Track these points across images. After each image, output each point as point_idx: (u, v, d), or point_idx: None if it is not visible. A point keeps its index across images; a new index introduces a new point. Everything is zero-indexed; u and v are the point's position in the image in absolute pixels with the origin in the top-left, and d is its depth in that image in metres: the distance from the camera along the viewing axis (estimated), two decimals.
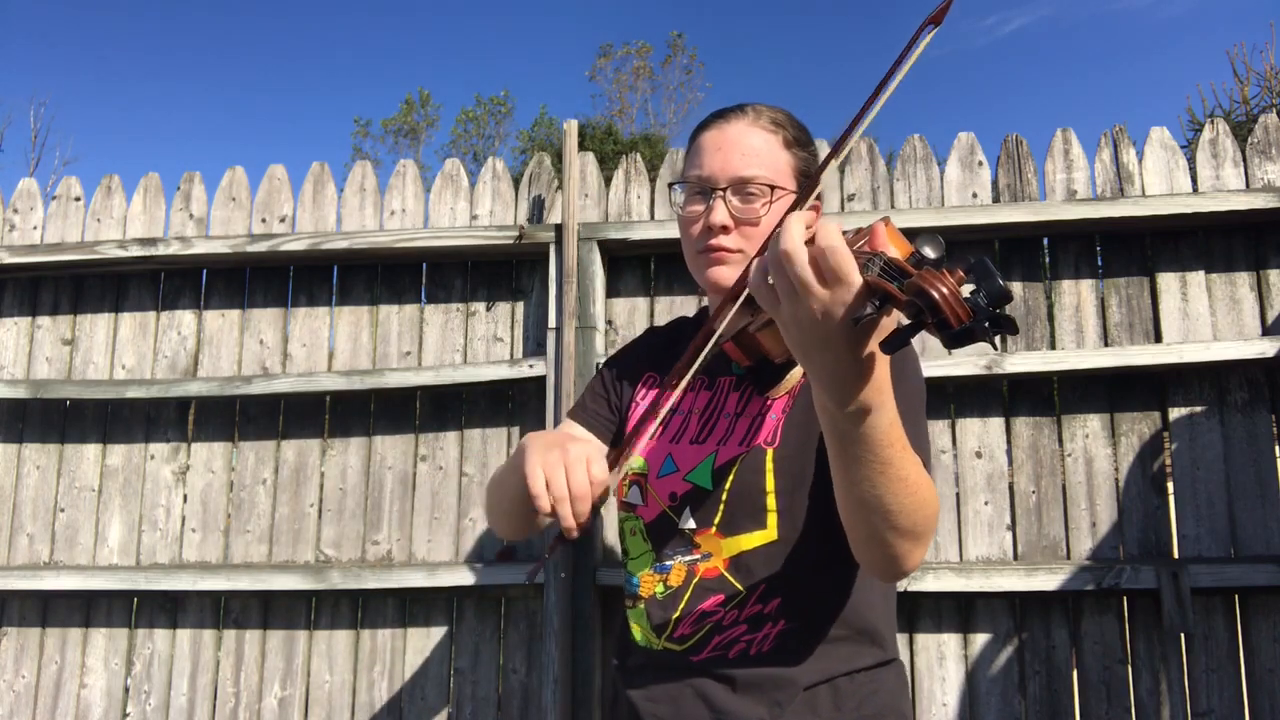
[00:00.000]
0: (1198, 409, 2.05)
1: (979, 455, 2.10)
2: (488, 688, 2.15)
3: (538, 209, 2.32)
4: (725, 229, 1.03)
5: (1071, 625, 2.02)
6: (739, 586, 1.00)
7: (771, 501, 1.00)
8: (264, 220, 2.39)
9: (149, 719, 2.24)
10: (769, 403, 1.04)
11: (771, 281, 0.70)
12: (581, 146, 2.35)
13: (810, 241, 0.67)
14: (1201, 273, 2.11)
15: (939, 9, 0.79)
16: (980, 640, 2.03)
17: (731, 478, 1.01)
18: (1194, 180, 2.13)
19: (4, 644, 2.32)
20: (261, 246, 2.30)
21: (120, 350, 2.40)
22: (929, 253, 0.65)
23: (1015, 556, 2.06)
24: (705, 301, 1.25)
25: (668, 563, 1.04)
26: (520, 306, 2.31)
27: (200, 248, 2.31)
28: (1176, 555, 2.01)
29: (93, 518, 2.34)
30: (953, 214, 2.12)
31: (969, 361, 2.04)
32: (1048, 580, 1.96)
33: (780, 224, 0.70)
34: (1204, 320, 2.08)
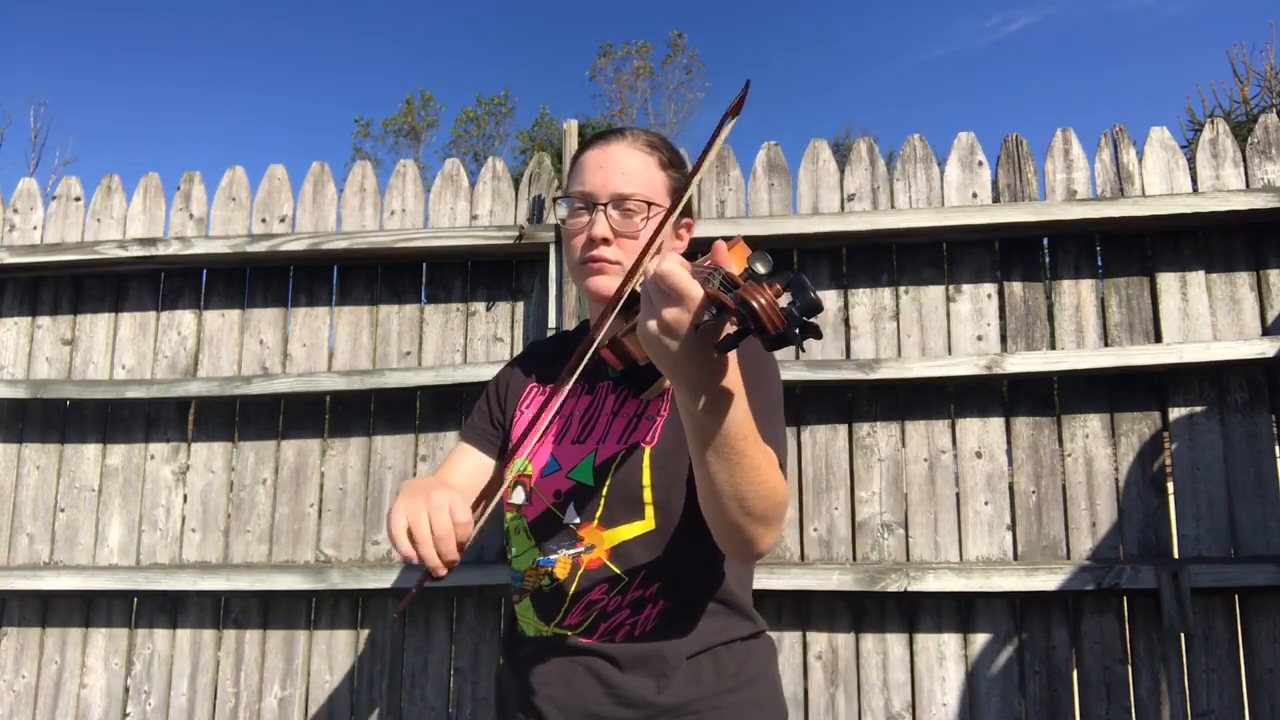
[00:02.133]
0: (1198, 409, 2.05)
1: (979, 455, 2.10)
2: (488, 688, 2.15)
3: (538, 209, 2.32)
4: (606, 241, 1.13)
5: (1071, 625, 2.02)
6: (621, 574, 1.08)
7: (648, 495, 1.08)
8: (264, 220, 2.40)
9: (149, 719, 2.24)
10: (645, 405, 1.13)
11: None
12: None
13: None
14: (1201, 273, 2.11)
15: (736, 100, 0.92)
16: (980, 640, 2.03)
17: (611, 474, 1.09)
18: (1194, 180, 2.13)
19: (4, 644, 2.32)
20: (261, 246, 2.30)
21: (120, 350, 2.40)
22: (759, 268, 0.75)
23: (1015, 556, 2.06)
24: (587, 314, 1.32)
25: (552, 556, 1.11)
26: (520, 306, 2.31)
27: (200, 248, 2.31)
28: (1176, 555, 2.01)
29: (93, 518, 2.34)
30: (953, 214, 2.12)
31: (969, 361, 2.04)
32: (1048, 580, 1.96)
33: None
34: (1204, 320, 2.08)
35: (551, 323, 2.17)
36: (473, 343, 2.31)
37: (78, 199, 2.47)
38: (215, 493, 2.31)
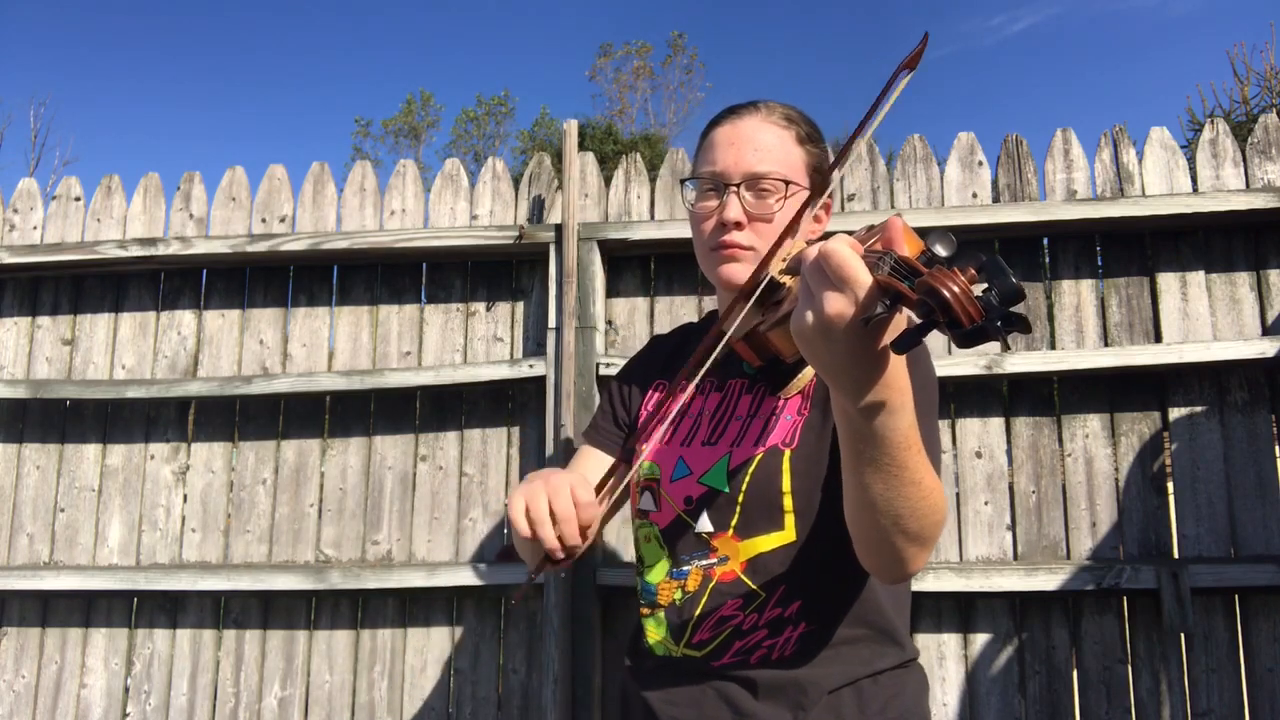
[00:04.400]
0: (1198, 409, 2.05)
1: (979, 455, 2.10)
2: (488, 688, 2.15)
3: (538, 209, 2.32)
4: (739, 225, 1.03)
5: (1071, 625, 2.02)
6: (757, 589, 0.99)
7: (789, 503, 0.99)
8: (264, 220, 2.39)
9: (149, 719, 2.24)
10: (781, 403, 1.03)
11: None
12: (581, 146, 2.35)
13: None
14: (1201, 273, 2.11)
15: (913, 54, 0.81)
16: (980, 640, 2.03)
17: (748, 479, 1.00)
18: (1194, 180, 2.13)
19: (4, 644, 2.32)
20: (261, 246, 2.30)
21: (120, 350, 2.40)
22: (941, 251, 0.63)
23: (1015, 556, 2.06)
24: (713, 305, 1.25)
25: (685, 568, 1.03)
26: (520, 306, 2.31)
27: (200, 248, 2.31)
28: (1176, 555, 2.01)
29: (93, 518, 2.34)
30: (953, 214, 2.12)
31: (969, 361, 2.04)
32: (1048, 580, 1.96)
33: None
34: (1204, 320, 2.08)
35: (551, 323, 2.17)
36: (473, 343, 2.30)
37: (78, 199, 2.47)
38: (215, 493, 2.31)
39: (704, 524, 1.02)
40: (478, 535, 2.21)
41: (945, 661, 2.03)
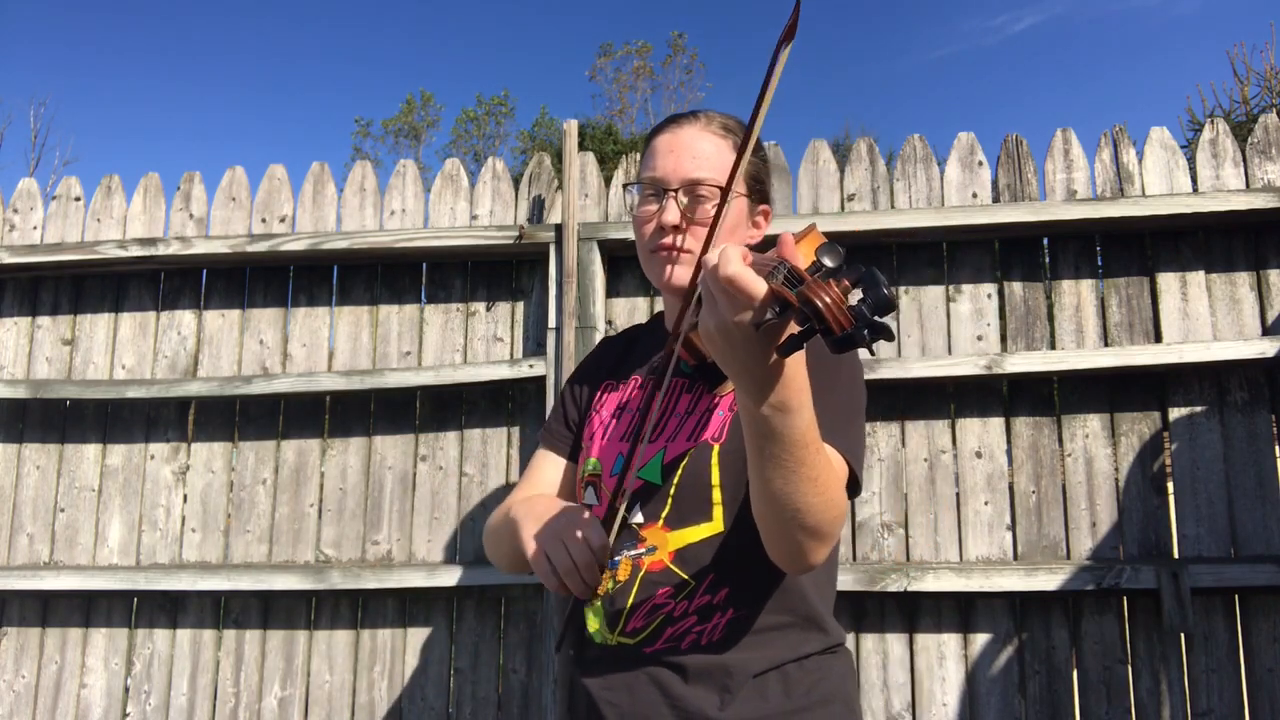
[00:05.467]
0: (1198, 409, 2.05)
1: (979, 455, 2.10)
2: (488, 688, 2.15)
3: (538, 209, 2.32)
4: (677, 228, 1.09)
5: (1071, 625, 2.02)
6: (687, 578, 1.04)
7: (717, 495, 1.04)
8: (264, 220, 2.39)
9: (149, 719, 2.24)
10: (717, 400, 1.08)
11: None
12: (581, 146, 2.35)
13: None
14: (1201, 273, 2.11)
15: (788, 25, 0.86)
16: (980, 640, 2.03)
17: (679, 472, 1.06)
18: (1194, 180, 2.13)
19: (4, 644, 2.32)
20: (261, 246, 2.30)
21: (120, 350, 2.40)
22: (828, 262, 0.69)
23: (1015, 556, 2.06)
24: (662, 306, 1.30)
25: (616, 558, 1.07)
26: (520, 306, 2.31)
27: (200, 248, 2.31)
28: (1176, 555, 2.01)
29: (93, 518, 2.34)
30: (953, 214, 2.12)
31: (969, 361, 2.04)
32: (1048, 580, 1.96)
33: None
34: (1204, 320, 2.08)
35: (551, 323, 2.17)
36: (473, 343, 2.30)
37: (78, 199, 2.47)
38: (215, 493, 2.31)
39: (636, 515, 1.07)
40: (478, 535, 2.21)
41: (945, 661, 2.03)
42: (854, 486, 1.00)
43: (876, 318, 0.62)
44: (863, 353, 2.17)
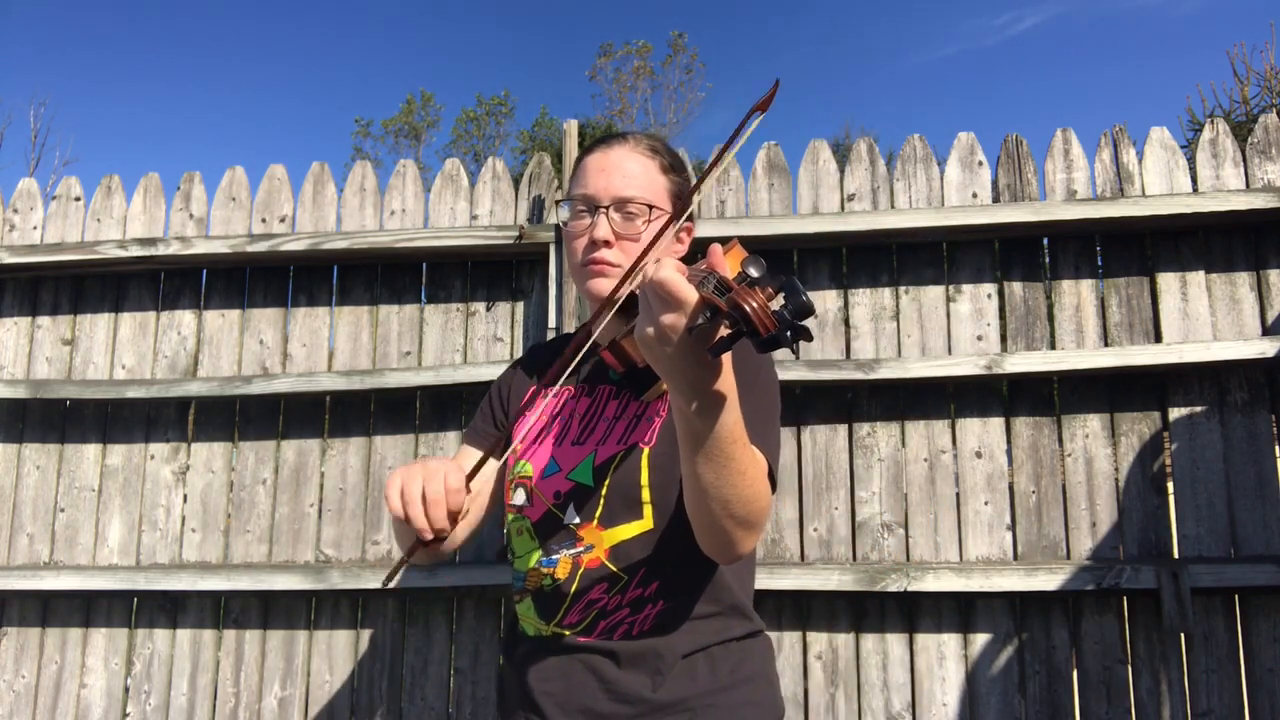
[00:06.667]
0: (1198, 409, 2.05)
1: (979, 455, 2.10)
2: (488, 688, 2.15)
3: (538, 209, 2.32)
4: (608, 243, 1.15)
5: (1071, 625, 2.02)
6: (619, 573, 1.10)
7: (646, 495, 1.10)
8: (264, 220, 2.40)
9: (149, 719, 2.24)
10: (645, 407, 1.15)
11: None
12: (581, 146, 2.35)
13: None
14: (1201, 273, 2.11)
15: (765, 96, 0.91)
16: (980, 640, 2.03)
17: (610, 474, 1.11)
18: (1194, 180, 2.13)
19: (4, 644, 2.32)
20: (261, 246, 2.30)
21: (120, 350, 2.40)
22: (752, 271, 0.76)
23: (1015, 556, 2.06)
24: (588, 316, 1.35)
25: (554, 556, 1.13)
26: (520, 306, 2.31)
27: (200, 248, 2.31)
28: (1176, 555, 2.01)
29: (93, 518, 2.34)
30: (953, 214, 2.12)
31: (969, 361, 2.04)
32: (1048, 580, 1.96)
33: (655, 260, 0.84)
34: (1204, 320, 2.08)
35: (551, 323, 2.17)
36: (473, 343, 2.30)
37: (78, 199, 2.47)
38: (215, 493, 2.31)
39: (571, 516, 1.13)
40: (478, 535, 2.21)
41: (945, 661, 2.03)
42: (772, 482, 1.06)
43: (797, 321, 0.69)
44: (857, 354, 2.17)
